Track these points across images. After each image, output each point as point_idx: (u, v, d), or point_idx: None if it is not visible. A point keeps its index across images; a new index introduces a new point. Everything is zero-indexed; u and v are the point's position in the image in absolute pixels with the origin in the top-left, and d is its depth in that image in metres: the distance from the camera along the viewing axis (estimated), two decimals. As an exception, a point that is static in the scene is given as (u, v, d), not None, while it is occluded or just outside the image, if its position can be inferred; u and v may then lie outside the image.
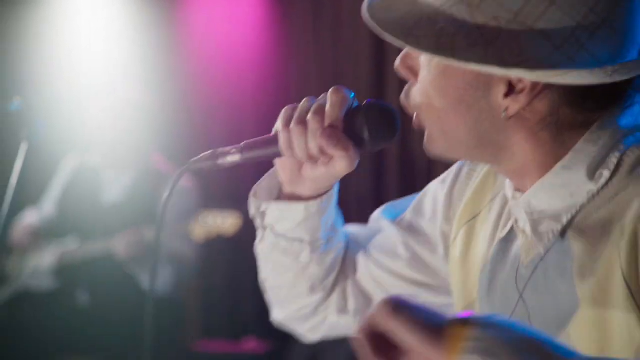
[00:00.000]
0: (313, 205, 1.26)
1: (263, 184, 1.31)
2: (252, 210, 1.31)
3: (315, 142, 1.17)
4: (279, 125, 1.20)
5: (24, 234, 3.67)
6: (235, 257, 4.59)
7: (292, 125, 1.18)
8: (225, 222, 3.40)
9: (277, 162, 1.26)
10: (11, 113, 1.85)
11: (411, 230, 1.33)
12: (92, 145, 3.78)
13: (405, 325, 0.89)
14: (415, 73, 1.14)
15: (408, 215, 1.34)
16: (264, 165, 1.27)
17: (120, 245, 3.44)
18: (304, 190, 1.26)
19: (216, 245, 4.46)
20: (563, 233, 1.10)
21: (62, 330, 3.56)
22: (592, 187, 1.08)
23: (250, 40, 4.58)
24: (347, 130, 1.17)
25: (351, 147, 1.17)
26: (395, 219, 1.35)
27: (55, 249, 3.67)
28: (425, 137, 1.15)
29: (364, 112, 1.17)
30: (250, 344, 4.12)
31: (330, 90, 1.18)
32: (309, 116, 1.18)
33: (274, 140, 1.20)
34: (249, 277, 4.57)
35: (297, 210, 1.26)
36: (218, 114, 4.63)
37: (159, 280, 3.56)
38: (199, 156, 1.25)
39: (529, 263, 1.14)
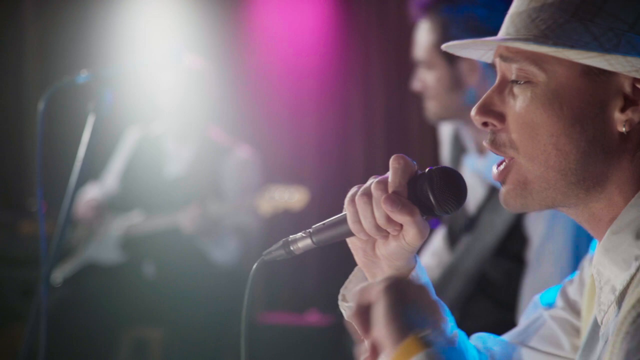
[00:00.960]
0: None
1: (350, 287, 1.28)
2: (347, 315, 1.25)
3: (380, 210, 1.14)
4: (345, 202, 1.18)
5: (89, 207, 3.71)
6: (300, 227, 4.60)
7: (357, 197, 1.16)
8: (291, 197, 3.40)
9: (351, 244, 1.23)
10: (79, 85, 1.86)
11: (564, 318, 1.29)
12: (155, 118, 3.80)
13: (381, 311, 0.93)
14: (499, 116, 1.12)
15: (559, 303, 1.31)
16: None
17: (185, 219, 3.46)
18: (382, 272, 1.22)
19: (281, 220, 4.48)
20: (619, 303, 1.06)
21: (128, 303, 3.60)
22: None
23: (315, 38, 4.56)
24: (411, 196, 1.14)
25: (417, 211, 1.13)
26: (550, 306, 1.31)
27: (120, 221, 3.70)
28: (508, 189, 1.12)
29: (428, 177, 1.14)
30: (313, 317, 4.13)
31: (392, 158, 1.16)
32: (372, 186, 1.15)
33: (343, 219, 1.18)
34: (312, 252, 4.58)
35: None
36: (279, 103, 4.63)
37: (226, 252, 3.58)
38: (271, 247, 1.26)
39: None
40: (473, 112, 1.13)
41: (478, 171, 2.03)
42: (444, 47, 1.15)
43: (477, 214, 2.03)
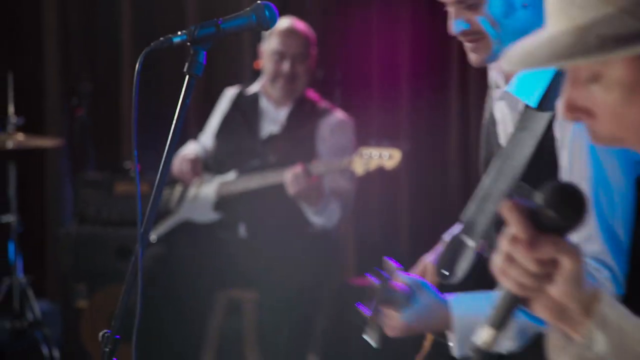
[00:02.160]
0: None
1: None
2: None
3: (528, 260, 1.12)
4: (498, 279, 1.16)
5: (185, 166, 3.75)
6: (390, 197, 4.56)
7: (504, 269, 1.14)
8: (385, 158, 3.36)
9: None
10: (175, 46, 1.86)
11: None
12: (251, 78, 3.82)
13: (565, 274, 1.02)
14: (587, 110, 1.15)
15: None
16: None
17: (288, 178, 3.45)
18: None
19: (374, 181, 4.45)
20: None
21: (222, 263, 3.63)
22: None
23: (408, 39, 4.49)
24: (542, 230, 1.12)
25: (560, 239, 1.12)
26: None
27: (215, 181, 3.73)
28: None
29: (547, 205, 1.11)
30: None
31: (503, 209, 1.13)
32: (506, 249, 1.14)
33: (508, 295, 1.16)
34: (404, 220, 4.55)
35: None
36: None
37: (323, 213, 3.57)
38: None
39: None
40: (562, 112, 1.16)
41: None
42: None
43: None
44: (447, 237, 2.20)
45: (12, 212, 4.00)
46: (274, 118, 3.76)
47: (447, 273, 1.94)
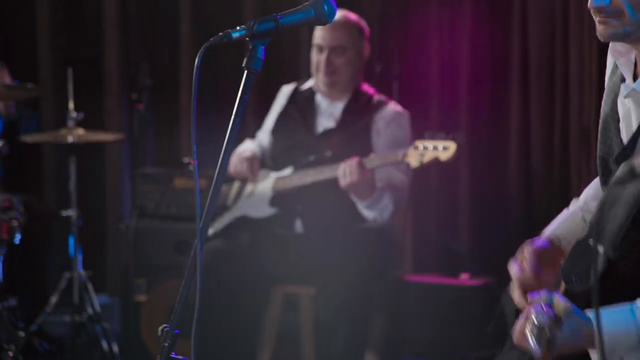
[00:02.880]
0: None
1: None
2: None
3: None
4: None
5: (242, 165, 3.75)
6: (449, 191, 4.53)
7: None
8: (441, 150, 3.33)
9: None
10: (234, 41, 1.86)
11: None
12: (308, 73, 3.81)
13: None
14: None
15: None
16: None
17: (341, 173, 3.44)
18: None
19: (430, 173, 4.42)
20: None
21: (279, 258, 3.63)
22: None
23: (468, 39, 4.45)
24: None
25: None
26: None
27: (271, 176, 3.73)
28: None
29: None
30: (463, 281, 4.06)
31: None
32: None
33: None
34: (462, 214, 4.51)
35: None
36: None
37: (378, 207, 3.55)
38: None
39: None
40: None
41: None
42: None
43: (634, 137, 1.93)
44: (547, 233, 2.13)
45: (72, 206, 4.04)
46: (329, 113, 3.76)
47: (577, 279, 1.88)
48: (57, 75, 4.97)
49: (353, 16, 3.73)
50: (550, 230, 2.15)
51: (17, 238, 3.95)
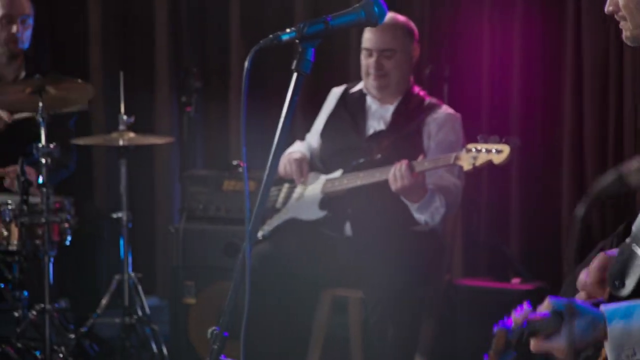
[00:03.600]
0: None
1: None
2: None
3: None
4: None
5: (291, 167, 3.74)
6: (500, 195, 4.48)
7: None
8: (493, 153, 3.29)
9: None
10: (283, 43, 1.85)
11: None
12: (358, 75, 3.79)
13: None
14: None
15: None
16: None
17: (390, 175, 3.41)
18: None
19: (483, 177, 4.38)
20: None
21: (328, 261, 3.62)
22: None
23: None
24: None
25: None
26: None
27: (321, 179, 3.72)
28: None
29: None
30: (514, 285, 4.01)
31: None
32: None
33: None
34: (514, 218, 4.46)
35: None
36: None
37: (428, 211, 3.52)
38: None
39: None
40: None
41: None
42: None
43: None
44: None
45: (123, 208, 4.07)
46: (380, 115, 3.73)
47: (618, 284, 1.86)
48: (109, 79, 5.02)
49: (401, 18, 3.70)
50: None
51: (68, 240, 3.99)
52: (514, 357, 1.75)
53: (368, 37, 3.67)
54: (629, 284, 1.83)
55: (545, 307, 1.78)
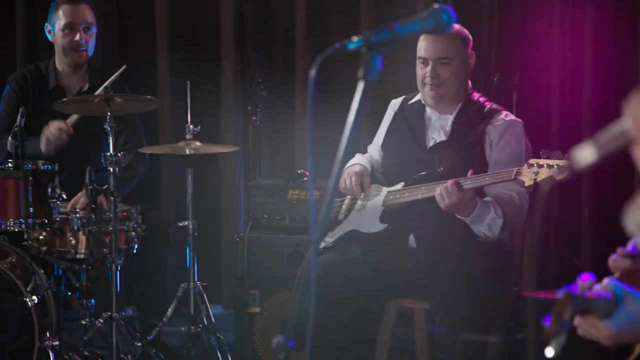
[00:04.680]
0: None
1: None
2: None
3: None
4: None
5: (351, 181, 3.70)
6: (571, 206, 4.41)
7: None
8: (556, 169, 3.22)
9: None
10: (349, 52, 1.83)
11: None
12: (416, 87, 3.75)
13: None
14: None
15: None
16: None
17: (437, 193, 3.37)
18: None
19: (552, 190, 4.30)
20: None
21: (391, 272, 3.58)
22: None
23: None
24: None
25: None
26: None
27: (382, 192, 3.68)
28: None
29: None
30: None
31: None
32: None
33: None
34: (585, 230, 4.38)
35: None
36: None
37: (486, 224, 3.47)
38: None
39: None
40: None
41: None
42: None
43: None
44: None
45: (189, 217, 4.09)
46: (439, 126, 3.68)
47: None
48: (176, 88, 5.06)
49: (455, 25, 3.65)
50: None
51: (135, 248, 4.03)
52: (569, 327, 1.71)
53: (423, 46, 3.62)
54: None
55: (604, 287, 1.74)
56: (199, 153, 4.07)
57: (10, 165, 3.76)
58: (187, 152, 4.03)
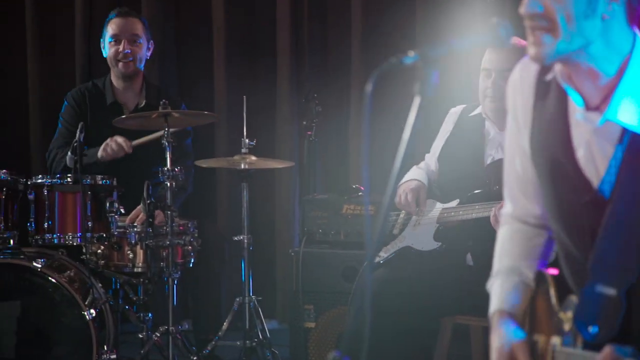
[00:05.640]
0: None
1: None
2: None
3: None
4: None
5: (406, 197, 3.67)
6: None
7: None
8: None
9: None
10: (406, 66, 1.83)
11: None
12: (477, 99, 3.70)
13: None
14: None
15: None
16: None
17: (492, 220, 3.33)
18: None
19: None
20: None
21: (447, 289, 3.54)
22: None
23: None
24: None
25: None
26: None
27: (438, 207, 3.65)
28: None
29: None
30: None
31: None
32: None
33: None
34: None
35: None
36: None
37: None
38: None
39: None
40: None
41: None
42: None
43: None
44: None
45: (244, 231, 4.11)
46: (498, 142, 3.60)
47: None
48: (232, 103, 5.10)
49: (517, 39, 3.61)
50: None
51: (191, 262, 4.05)
52: None
53: (487, 57, 3.58)
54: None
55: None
56: (254, 167, 4.09)
57: (69, 180, 3.82)
58: (243, 166, 4.05)
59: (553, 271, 2.09)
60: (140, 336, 3.92)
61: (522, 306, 2.14)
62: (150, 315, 3.93)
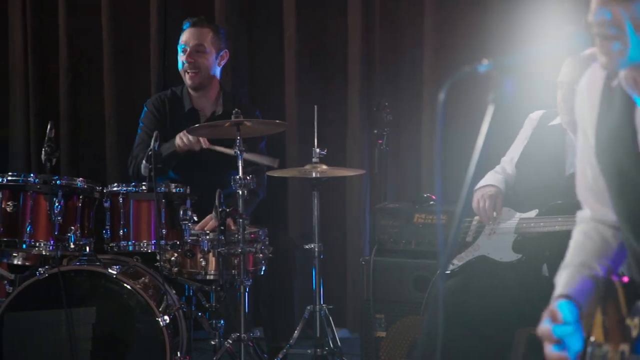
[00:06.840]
0: None
1: None
2: None
3: None
4: None
5: (484, 203, 3.61)
6: None
7: None
8: None
9: None
10: (480, 75, 1.82)
11: None
12: (555, 107, 3.65)
13: None
14: None
15: None
16: None
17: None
18: None
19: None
20: None
21: (522, 300, 3.49)
22: None
23: None
24: None
25: None
26: None
27: (515, 217, 3.60)
28: None
29: None
30: None
31: None
32: None
33: None
34: None
35: None
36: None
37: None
38: None
39: None
40: None
41: None
42: None
43: None
44: None
45: (315, 240, 4.12)
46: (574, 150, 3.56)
47: None
48: (303, 112, 5.12)
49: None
50: None
51: (263, 270, 4.08)
52: None
53: (564, 70, 3.52)
54: None
55: None
56: (325, 176, 4.09)
57: (144, 188, 3.88)
58: (314, 175, 4.07)
59: (623, 279, 2.06)
60: (213, 343, 3.95)
61: (587, 298, 2.11)
62: (222, 322, 3.96)
